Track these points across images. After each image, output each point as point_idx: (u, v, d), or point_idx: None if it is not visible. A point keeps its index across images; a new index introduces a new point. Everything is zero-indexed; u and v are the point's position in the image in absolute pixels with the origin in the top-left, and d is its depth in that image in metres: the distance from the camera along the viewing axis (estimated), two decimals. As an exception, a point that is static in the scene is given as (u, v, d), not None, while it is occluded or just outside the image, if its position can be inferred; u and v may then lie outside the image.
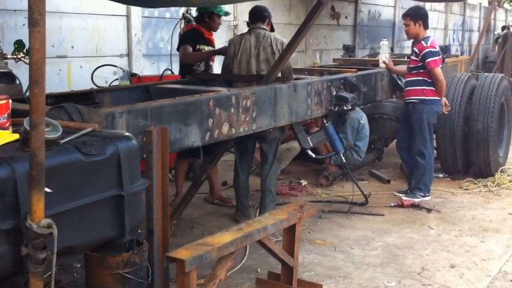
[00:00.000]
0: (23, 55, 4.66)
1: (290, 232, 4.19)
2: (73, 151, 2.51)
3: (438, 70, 6.39)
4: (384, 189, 7.11)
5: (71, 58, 7.95)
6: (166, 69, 7.57)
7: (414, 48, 6.57)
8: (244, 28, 10.66)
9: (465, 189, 7.16)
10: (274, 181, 5.83)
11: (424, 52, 6.39)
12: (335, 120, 7.66)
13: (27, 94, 4.23)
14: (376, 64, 7.40)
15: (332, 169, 7.43)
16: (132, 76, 7.34)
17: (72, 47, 7.94)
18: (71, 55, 7.95)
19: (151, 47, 9.29)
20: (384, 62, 6.80)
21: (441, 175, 7.66)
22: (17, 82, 4.72)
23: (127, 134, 2.90)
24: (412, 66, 6.57)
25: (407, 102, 6.62)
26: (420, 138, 6.52)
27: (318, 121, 7.51)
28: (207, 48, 6.45)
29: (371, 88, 6.63)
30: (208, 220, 5.97)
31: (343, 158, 6.27)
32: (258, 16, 5.79)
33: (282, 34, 6.08)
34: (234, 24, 10.65)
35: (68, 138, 2.62)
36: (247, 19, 6.03)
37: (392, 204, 6.42)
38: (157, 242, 3.99)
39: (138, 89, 5.27)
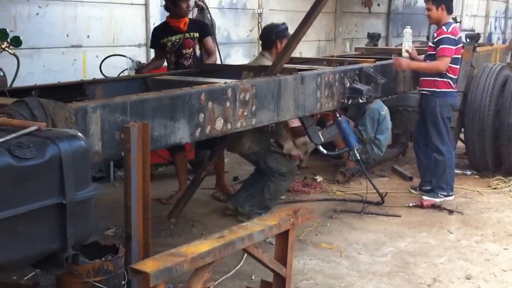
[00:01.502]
0: (7, 44, 4.37)
1: (282, 239, 3.83)
2: (2, 154, 2.20)
3: (446, 60, 5.90)
4: (405, 187, 6.67)
5: (87, 47, 7.71)
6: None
7: (434, 34, 6.13)
8: (269, 17, 10.34)
9: (494, 188, 6.68)
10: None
11: (440, 37, 5.95)
12: (355, 112, 7.34)
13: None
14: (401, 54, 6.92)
15: (350, 164, 7.00)
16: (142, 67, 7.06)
17: (88, 36, 7.71)
18: (87, 45, 7.71)
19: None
20: (407, 51, 6.34)
21: (468, 172, 7.18)
22: (1, 73, 4.45)
23: (74, 133, 2.57)
24: (428, 53, 6.13)
25: (420, 92, 6.23)
26: (435, 133, 6.10)
27: (333, 114, 7.13)
28: (174, 38, 6.08)
29: (391, 79, 6.18)
30: (210, 219, 5.65)
31: (357, 154, 5.85)
32: (264, 41, 5.64)
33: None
34: (259, 12, 10.28)
35: (3, 139, 2.31)
36: (271, 7, 5.66)
37: (410, 204, 5.99)
38: (137, 247, 3.72)
39: (135, 80, 4.97)
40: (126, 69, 6.82)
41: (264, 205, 5.50)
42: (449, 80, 6.00)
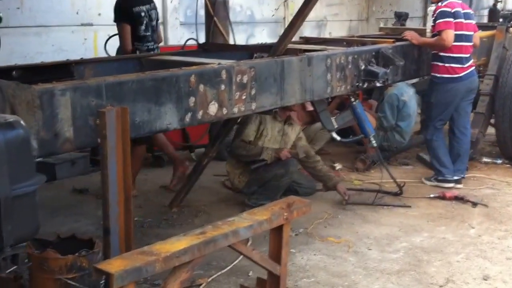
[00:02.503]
0: None
1: (276, 235, 3.51)
2: None
3: (446, 34, 5.48)
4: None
5: (98, 26, 7.50)
6: (189, 38, 6.93)
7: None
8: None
9: (525, 179, 6.21)
10: None
11: (436, 13, 5.60)
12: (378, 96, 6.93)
13: None
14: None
15: (371, 151, 6.59)
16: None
17: (99, 14, 7.50)
18: (98, 23, 7.50)
19: (190, 14, 8.67)
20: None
21: (499, 161, 6.73)
22: None
23: (10, 120, 2.29)
24: (432, 33, 5.73)
25: None
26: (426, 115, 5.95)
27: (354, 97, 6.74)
28: (145, 8, 5.75)
29: (413, 61, 5.74)
30: (216, 208, 5.36)
31: (373, 141, 5.46)
32: None
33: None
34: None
35: None
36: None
37: (431, 195, 5.59)
38: (118, 241, 3.45)
39: (129, 61, 4.67)
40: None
41: (267, 197, 5.17)
42: (451, 65, 5.58)
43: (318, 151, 7.03)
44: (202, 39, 6.96)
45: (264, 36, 9.93)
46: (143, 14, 5.74)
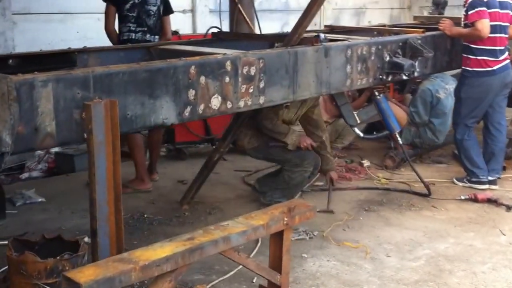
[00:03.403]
0: None
1: (276, 241, 3.24)
2: None
3: (481, 23, 5.07)
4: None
5: (125, 13, 7.26)
6: (212, 27, 6.69)
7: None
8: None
9: None
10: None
11: (468, 2, 5.19)
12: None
13: None
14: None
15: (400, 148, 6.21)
16: (172, 34, 6.54)
17: (127, 1, 7.25)
18: (126, 10, 7.26)
19: (221, 1, 8.38)
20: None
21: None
22: None
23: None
24: (464, 22, 5.32)
25: None
26: (455, 111, 5.54)
27: (384, 90, 6.37)
28: None
29: (445, 53, 5.35)
30: (232, 206, 5.10)
31: (399, 138, 5.11)
32: None
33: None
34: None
35: None
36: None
37: (462, 197, 5.20)
38: (107, 243, 3.23)
39: (137, 50, 4.43)
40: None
41: (283, 194, 4.89)
42: (484, 58, 5.16)
43: (347, 146, 6.73)
44: (226, 28, 6.73)
45: (297, 24, 9.59)
46: None
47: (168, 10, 5.63)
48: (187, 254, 2.75)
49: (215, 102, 3.60)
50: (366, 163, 6.21)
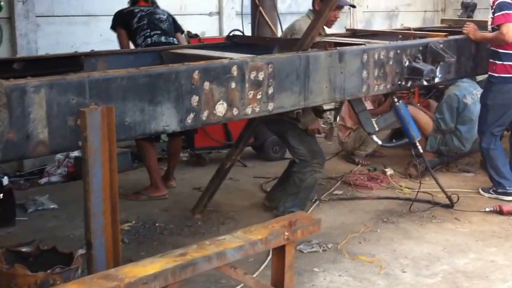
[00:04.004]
0: None
1: (278, 256, 3.08)
2: None
3: (507, 27, 4.82)
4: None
5: (150, 16, 7.20)
6: (233, 30, 6.54)
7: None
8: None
9: None
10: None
11: (496, 4, 4.93)
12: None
13: None
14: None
15: (427, 156, 5.97)
16: (191, 37, 6.46)
17: (152, 3, 7.19)
18: (150, 12, 7.21)
19: (247, 4, 8.25)
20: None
21: None
22: None
23: None
24: (491, 26, 5.08)
25: None
26: (481, 120, 5.28)
27: (409, 95, 6.17)
28: (139, 8, 5.48)
29: (469, 57, 5.11)
30: (247, 215, 4.95)
31: (419, 147, 4.90)
32: None
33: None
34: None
35: None
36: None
37: (487, 209, 4.96)
38: (104, 256, 3.12)
39: (147, 54, 4.34)
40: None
41: (295, 200, 4.72)
42: (511, 63, 4.89)
43: (371, 153, 6.53)
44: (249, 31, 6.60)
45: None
46: (136, 10, 5.47)
47: (178, 28, 5.64)
48: (178, 270, 2.62)
49: (220, 108, 3.48)
50: (389, 171, 6.00)
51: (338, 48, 4.10)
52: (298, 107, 3.93)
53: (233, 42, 4.75)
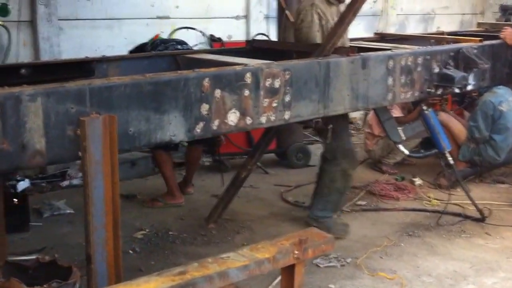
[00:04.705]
0: None
1: (288, 276, 2.89)
2: None
3: None
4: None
5: (175, 19, 7.11)
6: (258, 33, 6.40)
7: None
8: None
9: None
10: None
11: None
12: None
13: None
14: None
15: (460, 166, 5.72)
16: (214, 41, 6.31)
17: (177, 7, 7.11)
18: (175, 16, 7.11)
19: (275, 7, 8.08)
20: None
21: None
22: None
23: None
24: None
25: None
26: None
27: (441, 102, 5.90)
28: None
29: (505, 64, 4.84)
30: (264, 225, 4.78)
31: (449, 157, 4.66)
32: None
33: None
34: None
35: None
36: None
37: (522, 224, 4.69)
38: (105, 270, 3.00)
39: (162, 58, 4.19)
40: (196, 44, 6.11)
41: (327, 205, 4.53)
42: None
43: (400, 162, 6.29)
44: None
45: (360, 30, 9.12)
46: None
47: None
48: (176, 291, 2.46)
49: (232, 117, 3.31)
50: (418, 181, 5.76)
51: (361, 54, 3.89)
52: (317, 115, 3.73)
53: (254, 47, 4.55)
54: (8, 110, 2.60)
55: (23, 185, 4.98)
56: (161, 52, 4.52)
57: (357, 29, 9.22)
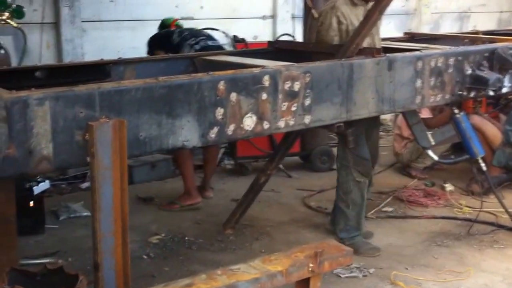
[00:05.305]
0: (8, 15, 3.70)
1: (303, 289, 2.75)
2: None
3: None
4: None
5: (200, 20, 7.01)
6: (283, 34, 6.25)
7: None
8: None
9: None
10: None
11: None
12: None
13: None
14: None
15: (493, 172, 5.48)
16: (238, 42, 6.18)
17: (202, 7, 7.02)
18: (200, 17, 7.02)
19: (303, 7, 7.93)
20: None
21: None
22: (1, 51, 3.82)
23: None
24: None
25: None
26: None
27: (475, 104, 5.67)
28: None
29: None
30: (284, 231, 4.62)
31: (482, 164, 4.45)
32: None
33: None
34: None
35: None
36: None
37: (558, 235, 4.45)
38: (113, 279, 2.90)
39: (180, 61, 4.07)
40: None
41: (348, 223, 4.29)
42: None
43: (430, 166, 6.06)
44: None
45: (391, 29, 8.88)
46: (173, 29, 5.35)
47: None
48: (181, 306, 2.34)
49: (248, 122, 3.17)
50: (448, 187, 5.53)
51: (387, 54, 3.72)
52: (339, 120, 3.57)
53: (276, 48, 4.40)
54: (15, 115, 2.51)
55: (42, 186, 4.92)
56: (178, 55, 4.39)
57: (388, 28, 8.99)
